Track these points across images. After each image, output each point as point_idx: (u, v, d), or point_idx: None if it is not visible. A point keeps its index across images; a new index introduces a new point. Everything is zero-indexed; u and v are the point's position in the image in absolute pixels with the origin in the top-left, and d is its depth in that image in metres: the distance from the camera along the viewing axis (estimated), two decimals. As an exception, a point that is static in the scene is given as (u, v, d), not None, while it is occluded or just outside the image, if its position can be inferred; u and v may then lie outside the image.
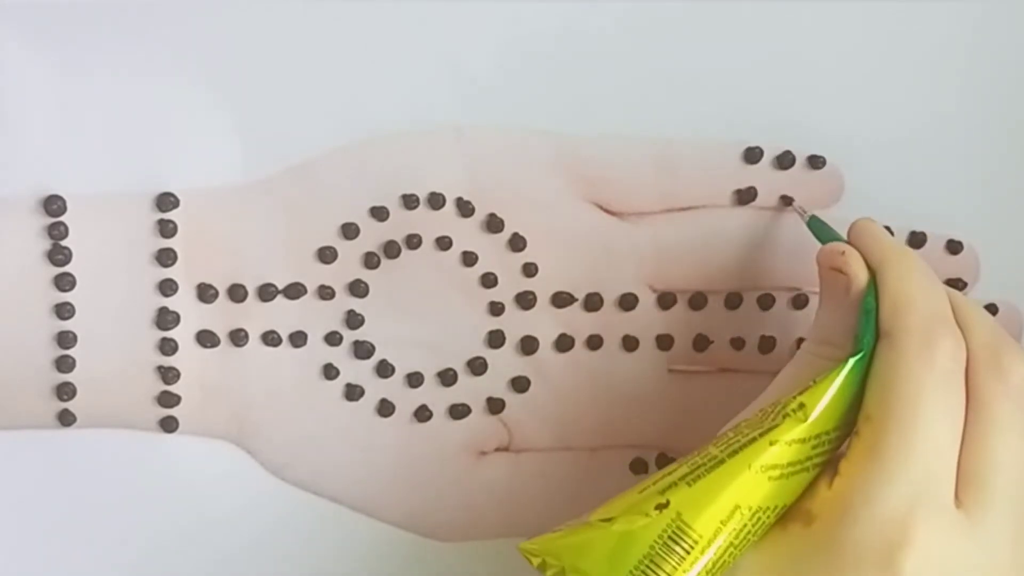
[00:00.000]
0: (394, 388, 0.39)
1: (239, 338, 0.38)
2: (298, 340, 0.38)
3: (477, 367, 0.39)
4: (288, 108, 0.37)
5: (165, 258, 0.37)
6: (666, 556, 0.31)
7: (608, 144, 0.38)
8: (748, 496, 0.32)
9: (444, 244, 0.38)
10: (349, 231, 0.38)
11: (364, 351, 0.38)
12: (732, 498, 0.32)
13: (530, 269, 0.39)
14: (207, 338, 0.38)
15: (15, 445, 0.37)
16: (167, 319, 0.37)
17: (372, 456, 0.39)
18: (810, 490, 0.33)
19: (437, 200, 0.38)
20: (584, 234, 0.39)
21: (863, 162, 0.39)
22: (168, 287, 0.37)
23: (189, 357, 0.37)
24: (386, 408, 0.38)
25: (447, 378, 0.39)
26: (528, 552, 0.33)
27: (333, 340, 0.38)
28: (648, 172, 0.39)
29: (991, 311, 0.40)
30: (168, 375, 0.37)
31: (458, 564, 0.39)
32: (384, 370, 0.38)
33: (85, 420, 0.37)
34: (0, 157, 0.36)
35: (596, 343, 0.39)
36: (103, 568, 0.38)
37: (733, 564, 0.32)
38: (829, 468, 0.33)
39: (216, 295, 0.37)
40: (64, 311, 0.37)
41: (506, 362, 0.39)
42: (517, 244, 0.38)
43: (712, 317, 0.39)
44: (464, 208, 0.38)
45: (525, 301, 0.39)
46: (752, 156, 0.39)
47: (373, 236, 0.38)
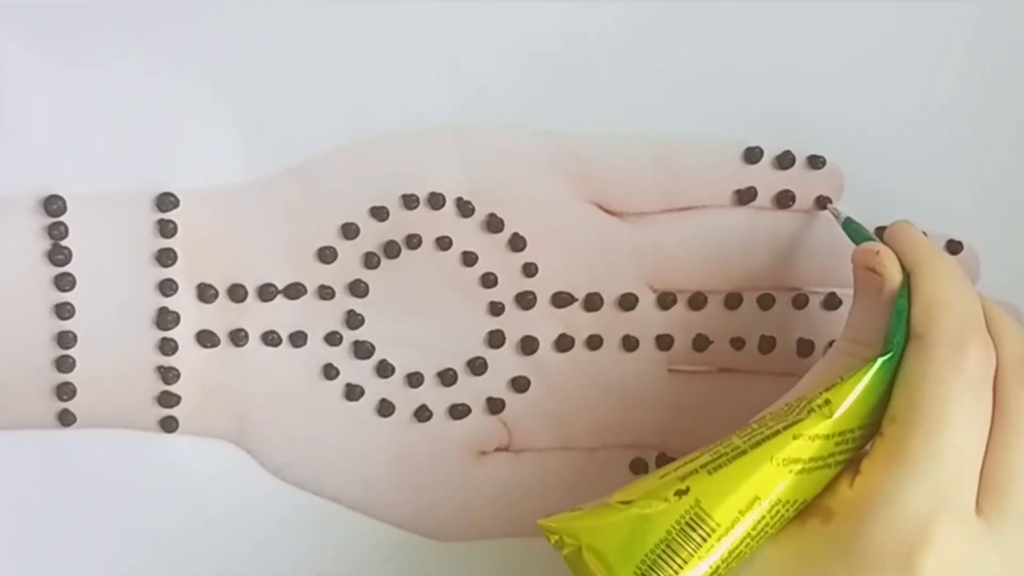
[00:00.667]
0: (394, 388, 0.39)
1: (239, 338, 0.38)
2: (298, 340, 0.38)
3: (477, 367, 0.39)
4: (288, 108, 0.37)
5: (165, 258, 0.37)
6: (683, 542, 0.31)
7: (608, 144, 0.38)
8: (768, 488, 0.32)
9: (444, 244, 0.38)
10: (349, 231, 0.38)
11: (364, 351, 0.38)
12: (752, 489, 0.32)
13: (530, 269, 0.39)
14: (207, 338, 0.38)
15: (15, 445, 0.37)
16: (167, 319, 0.37)
17: (372, 456, 0.39)
18: (831, 487, 0.33)
19: (437, 200, 0.38)
20: (584, 234, 0.39)
21: (863, 161, 0.39)
22: (168, 287, 0.37)
23: (189, 357, 0.38)
24: (386, 408, 0.38)
25: (447, 378, 0.39)
26: (546, 529, 0.33)
27: (333, 340, 0.38)
28: (648, 172, 0.39)
29: (991, 311, 0.40)
30: (168, 375, 0.37)
31: (458, 564, 0.39)
32: (384, 370, 0.38)
33: (85, 420, 0.37)
34: (0, 157, 0.36)
35: (596, 343, 0.39)
36: (103, 568, 0.38)
37: (749, 555, 0.32)
38: (851, 467, 0.33)
39: (216, 295, 0.37)
40: (64, 311, 0.37)
41: (506, 362, 0.39)
42: (517, 244, 0.38)
43: (712, 317, 0.39)
44: (464, 208, 0.38)
45: (525, 301, 0.39)
46: (752, 156, 0.39)
47: (373, 236, 0.38)
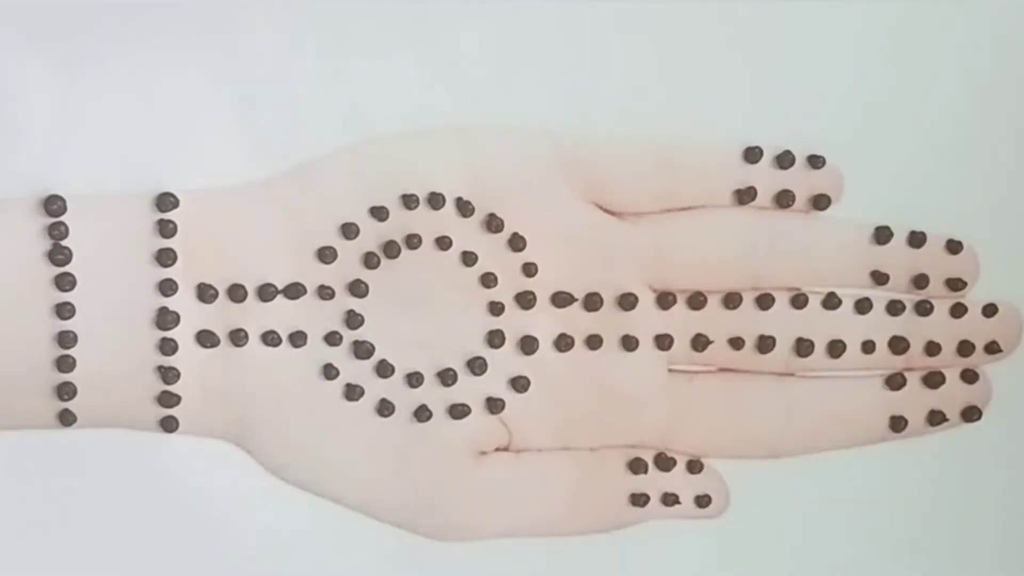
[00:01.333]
0: (394, 388, 0.39)
1: (239, 338, 0.38)
2: (298, 340, 0.38)
3: (477, 367, 0.39)
4: (288, 108, 0.37)
5: (165, 258, 0.37)
6: None
7: (608, 144, 0.38)
8: None
9: (444, 244, 0.38)
10: (349, 231, 0.38)
11: (364, 351, 0.38)
12: None
13: (530, 269, 0.39)
14: (207, 338, 0.38)
15: (15, 445, 0.37)
16: (167, 319, 0.37)
17: (372, 456, 0.39)
18: None
19: (437, 200, 0.38)
20: (584, 234, 0.39)
21: (863, 162, 0.39)
22: (168, 287, 0.37)
23: (189, 357, 0.37)
24: (386, 408, 0.38)
25: (447, 378, 0.39)
26: None
27: (333, 340, 0.38)
28: (648, 172, 0.39)
29: (991, 311, 0.40)
30: (168, 375, 0.37)
31: (458, 564, 0.39)
32: (384, 370, 0.38)
33: (85, 420, 0.37)
34: (0, 157, 0.36)
35: (596, 343, 0.39)
36: (103, 568, 0.38)
37: None
38: None
39: (216, 295, 0.37)
40: (64, 311, 0.37)
41: (506, 362, 0.39)
42: (517, 244, 0.38)
43: (712, 317, 0.39)
44: (464, 208, 0.38)
45: (525, 301, 0.39)
46: (752, 156, 0.39)
47: (373, 236, 0.38)
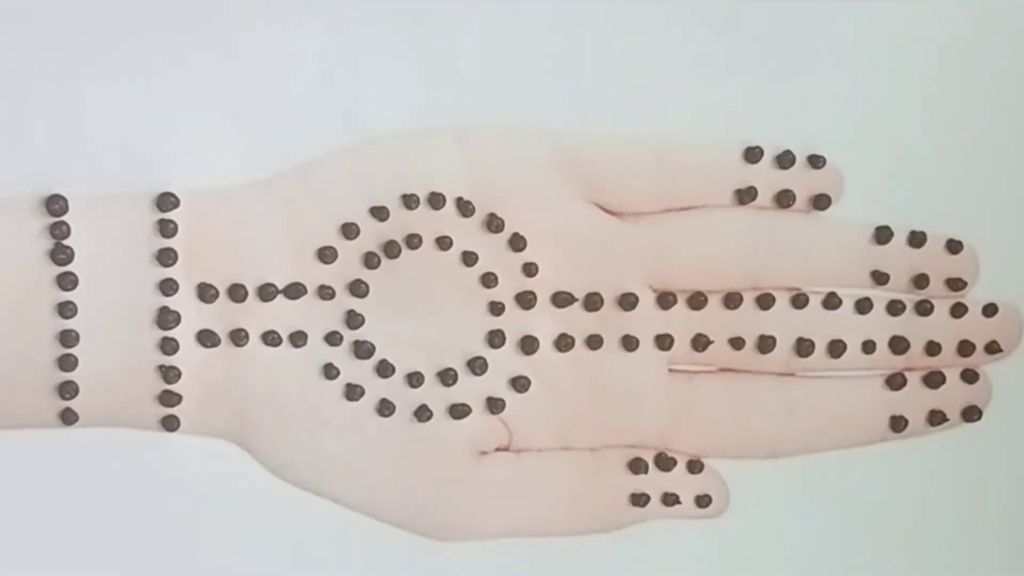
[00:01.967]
0: (394, 388, 0.39)
1: (239, 338, 0.38)
2: (298, 340, 0.38)
3: (477, 367, 0.39)
4: (288, 108, 0.37)
5: (166, 258, 0.37)
6: None
7: (608, 144, 0.38)
8: None
9: (444, 244, 0.38)
10: (349, 231, 0.38)
11: (364, 351, 0.38)
12: None
13: (530, 269, 0.39)
14: (207, 337, 0.38)
15: (17, 444, 0.37)
16: (168, 318, 0.37)
17: (372, 456, 0.39)
18: None
19: (437, 200, 0.38)
20: (584, 234, 0.39)
21: (863, 162, 0.39)
22: (169, 287, 0.37)
23: (190, 356, 0.38)
24: (386, 408, 0.39)
25: (447, 378, 0.39)
26: None
27: (333, 340, 0.38)
28: (648, 172, 0.38)
29: (991, 311, 0.40)
30: (169, 374, 0.37)
31: (458, 564, 0.39)
32: (384, 370, 0.38)
33: (87, 419, 0.37)
34: (1, 157, 0.36)
35: (596, 343, 0.39)
36: (103, 567, 0.38)
37: None
38: None
39: (216, 295, 0.38)
40: (66, 310, 0.37)
41: (506, 362, 0.39)
42: (517, 244, 0.38)
43: (712, 317, 0.39)
44: (464, 208, 0.38)
45: (525, 301, 0.39)
46: (752, 156, 0.39)
47: (373, 236, 0.38)
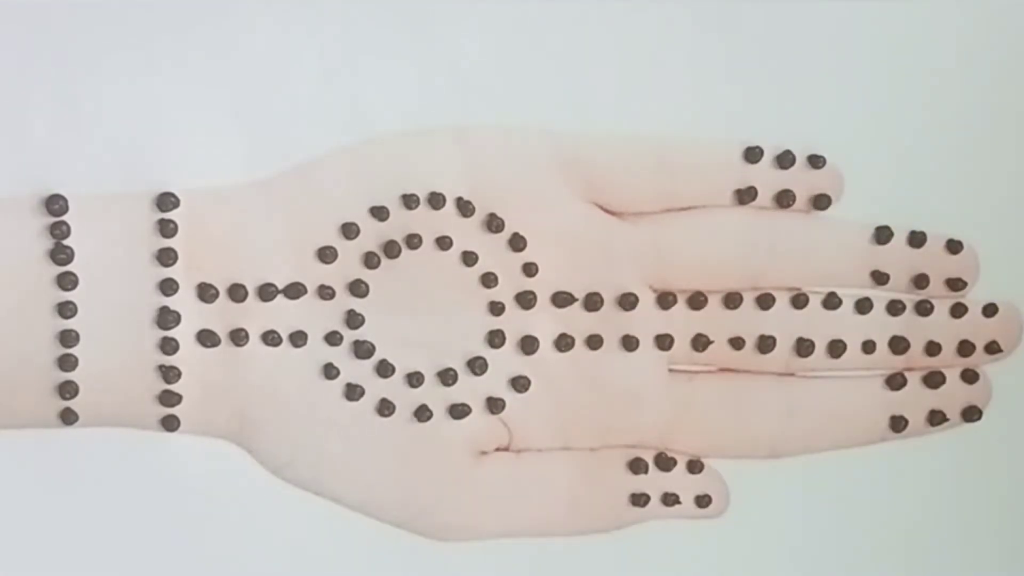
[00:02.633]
0: (394, 388, 0.39)
1: (239, 338, 0.38)
2: (298, 340, 0.38)
3: (477, 367, 0.39)
4: (288, 108, 0.37)
5: (166, 258, 0.37)
6: None
7: (608, 144, 0.38)
8: None
9: (444, 244, 0.38)
10: (349, 231, 0.38)
11: (364, 351, 0.38)
12: None
13: (530, 269, 0.39)
14: (207, 337, 0.38)
15: (17, 443, 0.37)
16: (168, 318, 0.37)
17: (372, 456, 0.39)
18: None
19: (437, 200, 0.38)
20: (584, 234, 0.39)
21: (863, 162, 0.39)
22: (169, 287, 0.37)
23: (190, 356, 0.38)
24: (386, 408, 0.39)
25: (447, 378, 0.39)
26: None
27: (333, 340, 0.38)
28: (648, 172, 0.39)
29: (991, 311, 0.40)
30: (169, 374, 0.37)
31: (458, 564, 0.39)
32: (384, 370, 0.38)
33: (87, 419, 0.37)
34: (1, 157, 0.36)
35: (596, 343, 0.39)
36: (103, 567, 0.38)
37: None
38: None
39: (216, 295, 0.38)
40: (66, 310, 0.37)
41: (506, 362, 0.39)
42: (517, 244, 0.38)
43: (712, 317, 0.39)
44: (464, 208, 0.38)
45: (525, 301, 0.39)
46: (752, 156, 0.39)
47: (373, 236, 0.38)
